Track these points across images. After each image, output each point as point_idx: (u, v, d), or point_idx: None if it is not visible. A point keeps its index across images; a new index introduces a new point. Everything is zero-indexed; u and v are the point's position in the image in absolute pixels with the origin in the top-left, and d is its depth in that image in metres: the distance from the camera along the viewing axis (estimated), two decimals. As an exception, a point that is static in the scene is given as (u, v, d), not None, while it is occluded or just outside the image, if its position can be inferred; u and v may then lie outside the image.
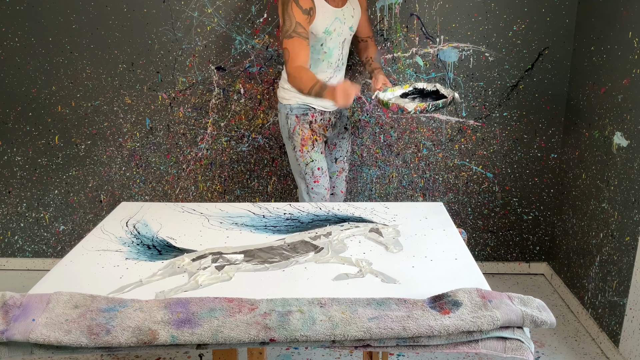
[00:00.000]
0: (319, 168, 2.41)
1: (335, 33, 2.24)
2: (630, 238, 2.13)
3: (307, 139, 2.37)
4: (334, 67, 2.33)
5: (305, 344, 1.26)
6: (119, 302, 1.35)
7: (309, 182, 2.41)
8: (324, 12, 2.19)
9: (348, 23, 2.29)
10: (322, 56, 2.28)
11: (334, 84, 2.11)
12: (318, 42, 2.23)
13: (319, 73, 2.29)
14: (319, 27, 2.19)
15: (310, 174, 2.40)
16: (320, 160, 2.41)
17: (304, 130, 2.36)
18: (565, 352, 2.33)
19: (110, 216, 1.96)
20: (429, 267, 1.58)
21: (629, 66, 2.16)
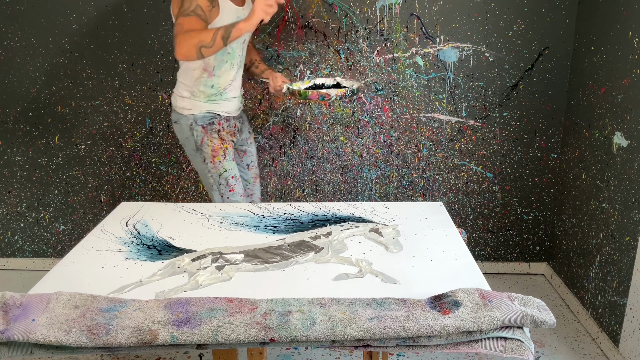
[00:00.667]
0: (233, 176, 2.33)
1: None
2: (630, 238, 2.13)
3: (218, 149, 2.28)
4: (236, 69, 2.27)
5: (305, 344, 1.26)
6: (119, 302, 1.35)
7: (224, 192, 2.34)
8: (227, 10, 2.12)
9: None
10: (226, 57, 2.20)
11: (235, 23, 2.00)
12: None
13: (224, 76, 2.23)
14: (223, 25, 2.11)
15: (224, 184, 2.32)
16: (233, 168, 2.34)
17: (213, 140, 2.27)
18: (565, 352, 2.33)
19: (110, 216, 1.96)
20: (429, 267, 1.58)
21: (629, 66, 2.16)
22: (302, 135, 2.82)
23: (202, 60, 2.15)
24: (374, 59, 2.71)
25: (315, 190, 2.91)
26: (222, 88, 2.26)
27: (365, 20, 2.67)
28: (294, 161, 2.86)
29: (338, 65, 2.72)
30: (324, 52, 2.71)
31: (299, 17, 2.67)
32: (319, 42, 2.70)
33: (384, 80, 2.74)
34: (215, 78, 2.22)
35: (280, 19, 2.67)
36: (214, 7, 2.06)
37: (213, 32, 1.96)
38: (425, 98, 2.76)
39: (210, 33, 1.96)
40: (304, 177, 2.89)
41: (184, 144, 2.33)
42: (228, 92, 2.28)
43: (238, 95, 2.35)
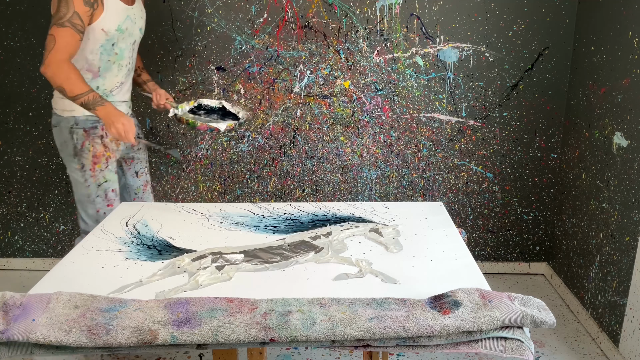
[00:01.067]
0: (113, 190, 2.16)
1: (127, 32, 2.08)
2: (630, 238, 2.13)
3: (100, 155, 2.11)
4: (125, 72, 2.14)
5: (305, 344, 1.26)
6: (119, 302, 1.35)
7: (101, 206, 2.15)
8: (115, 8, 2.00)
9: (138, 24, 2.15)
10: (114, 57, 2.07)
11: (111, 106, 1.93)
12: (109, 41, 2.03)
13: (110, 78, 2.10)
14: (111, 24, 2.00)
15: (102, 196, 2.14)
16: (114, 180, 2.17)
17: (95, 145, 2.09)
18: (565, 352, 2.33)
19: (110, 216, 1.96)
20: (429, 267, 1.58)
21: (629, 66, 2.16)
22: (302, 135, 2.82)
23: (85, 59, 2.03)
24: (374, 59, 2.71)
25: (315, 190, 2.91)
26: (108, 90, 2.12)
27: (365, 20, 2.67)
28: (294, 161, 2.86)
29: (338, 65, 2.72)
30: (324, 52, 2.71)
31: (299, 17, 2.67)
32: (319, 42, 2.70)
33: (384, 80, 2.74)
34: (100, 79, 2.09)
35: (281, 18, 2.67)
36: (95, 9, 1.94)
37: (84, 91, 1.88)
38: (425, 98, 2.76)
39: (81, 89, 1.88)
40: (304, 177, 2.89)
41: (61, 149, 2.15)
42: (115, 95, 2.16)
43: (127, 99, 2.24)
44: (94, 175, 2.11)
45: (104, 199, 2.16)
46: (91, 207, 2.15)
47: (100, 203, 2.16)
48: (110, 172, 2.16)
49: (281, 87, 2.76)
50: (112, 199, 2.17)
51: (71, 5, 1.88)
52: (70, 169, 2.15)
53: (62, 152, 2.16)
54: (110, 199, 2.17)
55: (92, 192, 2.13)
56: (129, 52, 2.13)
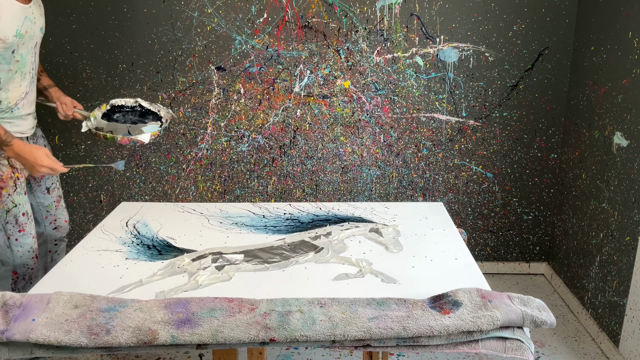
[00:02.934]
0: (24, 213, 1.94)
1: (27, 36, 1.85)
2: (630, 238, 2.13)
3: (7, 178, 1.88)
4: (29, 80, 1.92)
5: (305, 344, 1.26)
6: (119, 302, 1.35)
7: (12, 232, 1.93)
8: (10, 11, 1.75)
9: (38, 23, 1.93)
10: (15, 66, 1.83)
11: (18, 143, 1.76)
12: (8, 49, 1.79)
13: (14, 89, 1.86)
14: (8, 30, 1.76)
15: (13, 222, 1.92)
16: (24, 203, 1.94)
17: (1, 168, 1.87)
18: (565, 352, 2.33)
19: (110, 216, 1.96)
20: (429, 267, 1.58)
21: (629, 66, 2.16)
22: (302, 135, 2.82)
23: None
24: (374, 59, 2.71)
25: (315, 190, 2.91)
26: (12, 104, 1.89)
27: (365, 20, 2.67)
28: (294, 161, 2.86)
29: (338, 65, 2.72)
30: (324, 52, 2.71)
31: (299, 17, 2.67)
32: (319, 42, 2.70)
33: (384, 80, 2.74)
34: (3, 92, 1.85)
35: (281, 18, 2.67)
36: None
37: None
38: (425, 98, 2.76)
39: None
40: (304, 177, 2.89)
41: None
42: (20, 108, 1.92)
43: (32, 110, 2.01)
44: (1, 202, 1.88)
45: (15, 224, 1.93)
46: (0, 235, 1.93)
47: (11, 229, 1.94)
48: (19, 194, 1.93)
49: (281, 87, 2.76)
50: (23, 223, 1.95)
51: None
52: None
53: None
54: (22, 223, 1.94)
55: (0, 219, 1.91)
56: (31, 56, 1.91)
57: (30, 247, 1.98)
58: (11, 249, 1.95)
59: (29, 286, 2.05)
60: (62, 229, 2.24)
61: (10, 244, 1.95)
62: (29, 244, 1.97)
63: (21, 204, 1.93)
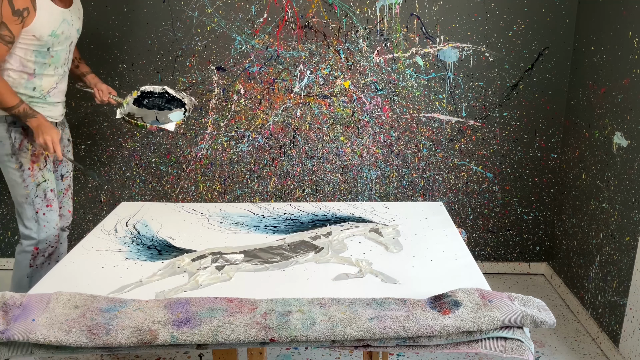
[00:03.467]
0: (52, 190, 2.10)
1: (63, 36, 2.02)
2: (630, 238, 2.13)
3: (39, 154, 2.05)
4: (60, 73, 2.10)
5: (305, 344, 1.26)
6: (119, 302, 1.35)
7: (40, 206, 2.07)
8: (50, 13, 1.94)
9: (75, 25, 2.10)
10: (49, 60, 2.02)
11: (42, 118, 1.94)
12: (44, 45, 1.98)
13: (47, 79, 2.05)
14: (44, 30, 1.94)
15: (42, 196, 2.07)
16: (52, 180, 2.11)
17: (33, 144, 2.03)
18: (565, 352, 2.33)
19: (110, 216, 1.96)
20: (429, 267, 1.58)
21: (629, 66, 2.16)
22: (302, 135, 2.82)
23: (20, 61, 1.97)
24: (374, 59, 2.71)
25: (315, 190, 2.91)
26: (45, 91, 2.07)
27: (365, 20, 2.67)
28: (294, 161, 2.86)
29: (338, 65, 2.72)
30: (324, 52, 2.71)
31: (299, 17, 2.67)
32: (319, 42, 2.70)
33: (384, 80, 2.74)
34: (37, 80, 2.03)
35: (281, 18, 2.67)
36: (26, 16, 1.88)
37: (14, 104, 1.89)
38: (425, 98, 2.76)
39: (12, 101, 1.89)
40: (304, 177, 2.89)
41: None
42: (52, 96, 2.10)
43: (62, 99, 2.18)
44: (32, 175, 2.04)
45: (43, 199, 2.08)
46: (29, 208, 2.07)
47: (40, 203, 2.08)
48: (48, 171, 2.09)
49: (281, 87, 2.76)
50: (51, 199, 2.10)
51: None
52: (6, 169, 2.07)
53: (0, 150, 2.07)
54: (50, 199, 2.10)
55: (30, 193, 2.06)
56: (65, 53, 2.08)
57: (56, 223, 2.11)
58: (38, 222, 2.08)
59: (46, 264, 2.18)
60: (65, 218, 2.32)
61: (37, 218, 2.08)
62: (54, 220, 2.11)
63: (50, 180, 2.09)
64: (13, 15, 1.84)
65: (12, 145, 2.02)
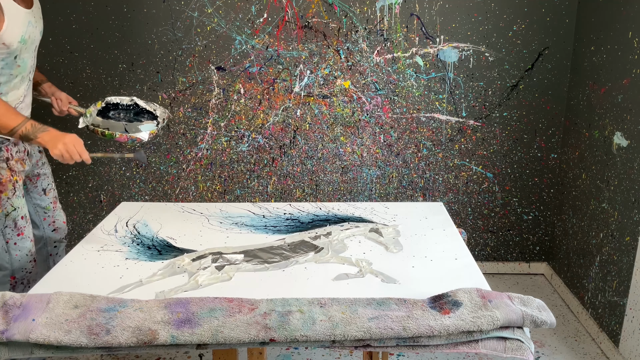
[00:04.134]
0: (23, 217, 1.91)
1: (30, 40, 1.82)
2: (630, 238, 2.13)
3: (7, 182, 1.85)
4: (26, 83, 1.90)
5: (305, 344, 1.26)
6: (119, 302, 1.35)
7: (11, 236, 1.89)
8: (15, 17, 1.72)
9: (39, 26, 1.91)
10: (16, 70, 1.80)
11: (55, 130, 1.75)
12: (12, 54, 1.76)
13: (12, 91, 1.83)
14: (14, 36, 1.73)
15: (12, 226, 1.89)
16: (23, 206, 1.91)
17: (0, 172, 1.84)
18: (565, 352, 2.33)
19: (110, 216, 1.96)
20: (429, 267, 1.58)
21: (629, 66, 2.16)
22: (302, 135, 2.82)
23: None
24: (374, 59, 2.71)
25: (315, 190, 2.91)
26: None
27: (365, 20, 2.67)
28: (294, 161, 2.86)
29: (338, 65, 2.72)
30: (324, 52, 2.71)
31: (299, 17, 2.67)
32: (319, 42, 2.70)
33: (384, 80, 2.74)
34: (2, 96, 1.81)
35: (281, 18, 2.67)
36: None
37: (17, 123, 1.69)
38: (425, 98, 2.76)
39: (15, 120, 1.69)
40: (304, 177, 2.89)
41: None
42: (19, 109, 1.89)
43: (29, 112, 1.98)
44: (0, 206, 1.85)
45: (14, 228, 1.90)
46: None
47: (10, 233, 1.90)
48: (18, 198, 1.89)
49: (281, 87, 2.76)
50: (22, 226, 1.92)
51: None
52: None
53: None
54: (20, 226, 1.91)
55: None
56: (31, 60, 1.89)
57: (29, 250, 1.94)
58: (9, 253, 1.91)
59: (27, 290, 1.99)
60: (61, 231, 2.21)
61: (8, 248, 1.91)
62: (27, 247, 1.94)
63: (20, 207, 1.90)
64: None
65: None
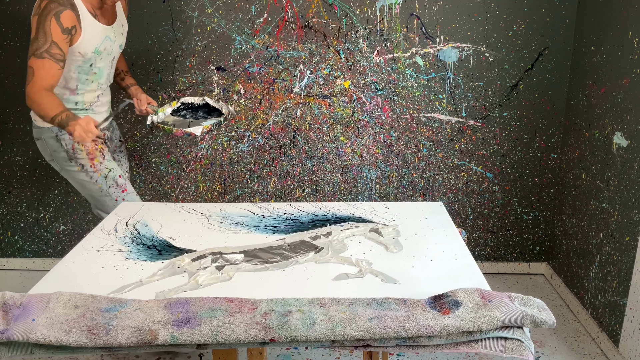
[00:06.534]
0: (120, 175, 2.18)
1: (105, 52, 2.10)
2: (630, 238, 2.13)
3: (93, 150, 2.12)
4: (103, 88, 2.20)
5: (305, 344, 1.26)
6: (119, 302, 1.35)
7: (117, 194, 2.17)
8: (93, 31, 2.00)
9: (118, 41, 2.17)
10: (92, 77, 2.10)
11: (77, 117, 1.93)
12: (87, 62, 2.05)
13: (88, 92, 2.13)
14: (88, 47, 2.01)
15: (114, 185, 2.16)
16: (116, 168, 2.18)
17: (85, 144, 2.10)
18: (565, 352, 2.33)
19: (110, 216, 1.96)
20: (429, 267, 1.58)
21: (629, 66, 2.16)
22: (302, 135, 2.82)
23: (64, 77, 2.04)
24: (374, 59, 2.71)
25: (315, 190, 2.91)
26: (87, 104, 2.17)
27: (365, 20, 2.67)
28: (294, 161, 2.86)
29: (338, 65, 2.72)
30: (324, 52, 2.71)
31: (299, 17, 2.67)
32: (319, 42, 2.70)
33: (384, 80, 2.74)
34: (79, 96, 2.12)
35: (281, 18, 2.67)
36: (74, 34, 1.94)
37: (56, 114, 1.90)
38: (425, 98, 2.76)
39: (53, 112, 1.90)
40: (304, 177, 2.89)
41: (52, 158, 2.16)
42: (95, 107, 2.20)
43: (107, 108, 2.27)
44: (96, 170, 2.12)
45: (116, 187, 2.17)
46: (108, 200, 2.17)
47: (115, 192, 2.18)
48: (109, 161, 2.17)
49: (281, 87, 2.76)
50: (122, 184, 2.19)
51: (49, 35, 1.86)
52: (71, 174, 2.16)
53: (55, 161, 2.17)
54: (121, 184, 2.18)
55: (102, 186, 2.15)
56: (108, 69, 2.15)
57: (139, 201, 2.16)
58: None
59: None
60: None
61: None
62: (134, 200, 2.17)
63: (114, 168, 2.17)
64: (62, 34, 1.88)
65: (67, 151, 2.11)
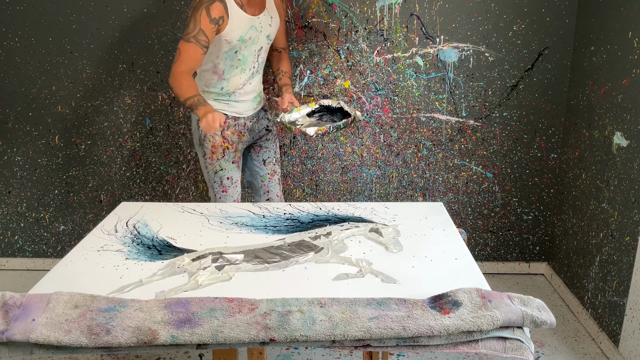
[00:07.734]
0: (228, 178, 2.34)
1: (250, 41, 2.20)
2: (630, 238, 2.13)
3: (218, 146, 2.30)
4: (248, 75, 2.29)
5: (305, 344, 1.26)
6: (119, 302, 1.35)
7: (217, 191, 2.36)
8: (239, 20, 2.14)
9: (265, 31, 2.25)
10: (236, 63, 2.23)
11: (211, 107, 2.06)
12: (232, 49, 2.19)
13: (233, 78, 2.26)
14: (233, 35, 2.14)
15: (218, 182, 2.34)
16: (230, 169, 2.34)
17: (214, 137, 2.29)
18: (565, 352, 2.33)
19: (110, 216, 1.96)
20: (429, 267, 1.58)
21: (629, 66, 2.16)
22: (302, 135, 2.82)
23: (212, 62, 2.22)
24: (374, 59, 2.71)
25: (315, 190, 2.91)
26: (231, 90, 2.28)
27: (365, 20, 2.67)
28: (294, 161, 2.86)
29: (338, 65, 2.72)
30: (324, 52, 2.71)
31: (299, 17, 2.67)
32: (319, 42, 2.70)
33: (384, 80, 2.74)
34: (224, 81, 2.26)
35: (280, 19, 2.67)
36: (221, 24, 2.10)
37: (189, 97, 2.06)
38: (425, 98, 2.76)
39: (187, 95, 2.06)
40: (304, 177, 2.89)
41: (193, 137, 2.39)
42: (238, 94, 2.30)
43: (252, 97, 2.36)
44: (211, 163, 2.32)
45: (219, 185, 2.34)
46: (211, 190, 2.38)
47: (217, 188, 2.36)
48: (226, 161, 2.32)
49: (281, 87, 2.75)
50: (227, 186, 2.35)
51: (198, 23, 2.05)
52: (199, 155, 2.37)
53: (194, 140, 2.37)
54: (225, 185, 2.35)
55: (210, 178, 2.35)
56: (253, 57, 2.26)
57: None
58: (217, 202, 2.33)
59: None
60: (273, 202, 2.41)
61: (216, 200, 2.36)
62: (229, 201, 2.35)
63: (227, 169, 2.33)
64: (210, 24, 2.06)
65: (200, 137, 2.30)
